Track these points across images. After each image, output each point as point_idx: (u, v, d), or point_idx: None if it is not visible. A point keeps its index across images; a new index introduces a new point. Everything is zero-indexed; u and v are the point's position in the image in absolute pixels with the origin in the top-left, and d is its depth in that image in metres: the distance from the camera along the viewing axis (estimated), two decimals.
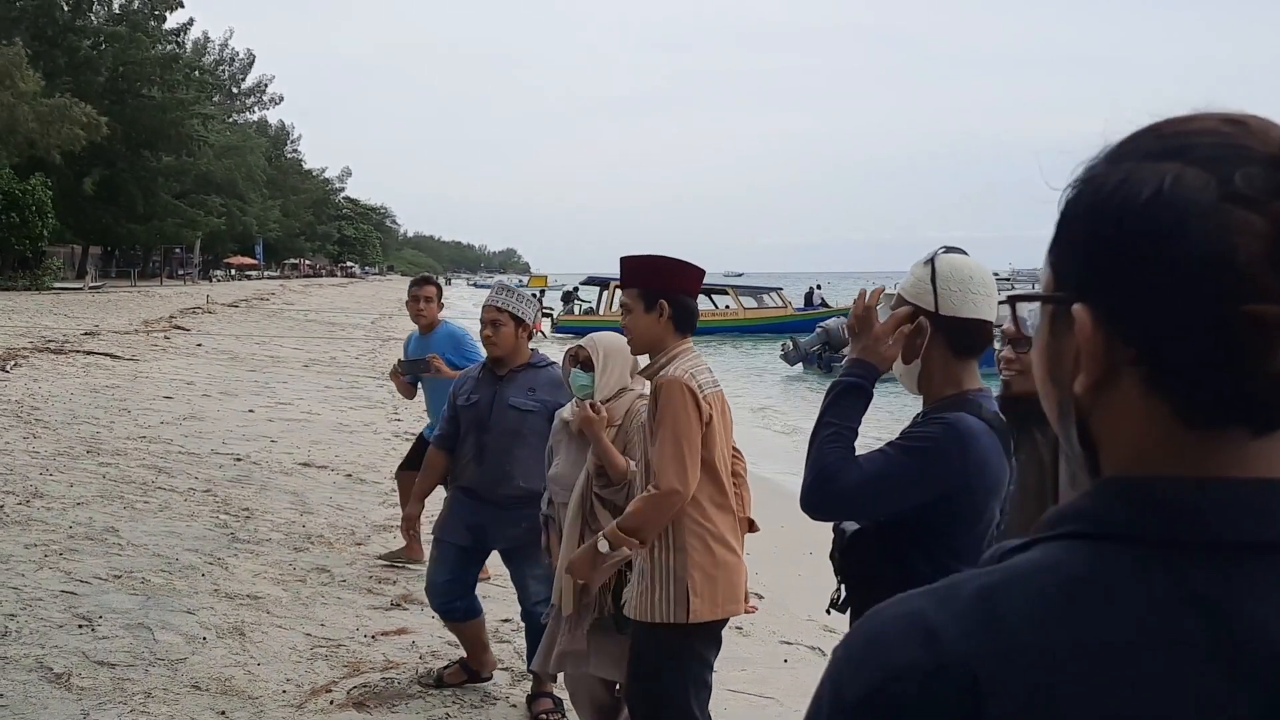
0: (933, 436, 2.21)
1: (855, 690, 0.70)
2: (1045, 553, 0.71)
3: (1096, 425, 0.73)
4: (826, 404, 2.31)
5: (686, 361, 3.24)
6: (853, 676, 0.70)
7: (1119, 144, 0.72)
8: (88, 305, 30.73)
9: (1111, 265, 0.69)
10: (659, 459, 3.11)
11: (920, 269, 2.33)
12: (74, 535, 6.41)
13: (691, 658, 3.23)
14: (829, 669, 0.74)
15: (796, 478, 9.68)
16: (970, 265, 2.30)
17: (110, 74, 49.14)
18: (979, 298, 2.28)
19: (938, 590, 0.72)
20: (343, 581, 6.09)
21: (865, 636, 0.72)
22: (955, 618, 0.69)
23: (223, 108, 70.48)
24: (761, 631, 5.95)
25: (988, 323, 2.31)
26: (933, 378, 2.31)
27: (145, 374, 15.46)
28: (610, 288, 36.45)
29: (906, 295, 2.34)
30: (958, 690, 0.66)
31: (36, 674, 4.35)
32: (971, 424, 2.21)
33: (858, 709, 0.69)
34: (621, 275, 3.33)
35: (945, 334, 2.27)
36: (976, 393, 2.30)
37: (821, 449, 2.25)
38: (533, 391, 4.39)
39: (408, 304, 6.54)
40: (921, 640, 0.68)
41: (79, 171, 45.26)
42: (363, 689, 4.52)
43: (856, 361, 2.31)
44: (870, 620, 0.73)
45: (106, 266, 57.68)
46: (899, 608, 0.72)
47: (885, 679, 0.68)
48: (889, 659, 0.69)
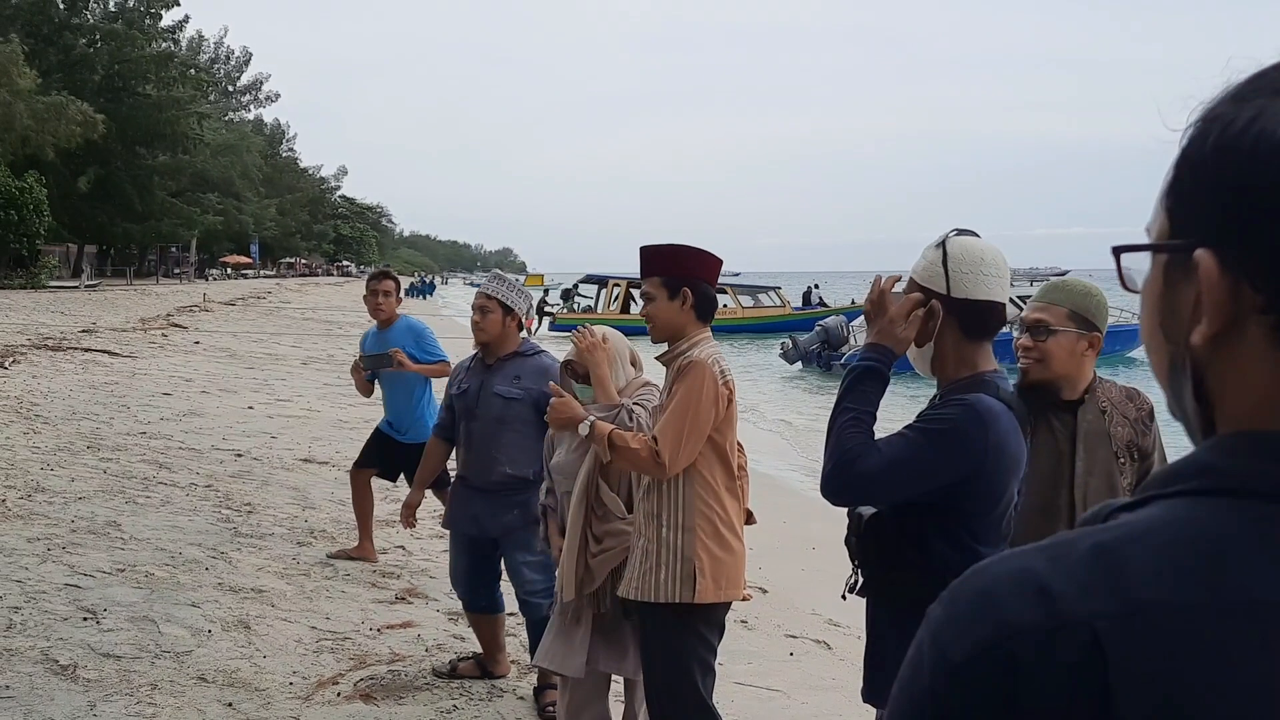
0: (952, 418, 2.20)
1: (963, 649, 0.67)
2: (1167, 510, 0.68)
3: (1215, 379, 0.70)
4: (844, 388, 2.30)
5: (709, 347, 3.26)
6: (959, 635, 0.68)
7: (1243, 83, 0.69)
8: (84, 303, 30.65)
9: (1244, 206, 0.66)
10: (661, 429, 3.12)
11: (932, 252, 2.32)
12: (76, 529, 6.39)
13: (696, 639, 3.24)
14: (927, 628, 0.71)
15: (796, 474, 9.82)
16: (982, 247, 2.29)
17: (105, 72, 48.97)
18: (991, 280, 2.27)
19: (1045, 549, 0.69)
20: (346, 576, 6.07)
21: (971, 594, 0.69)
22: (1071, 576, 0.66)
23: (218, 106, 70.35)
24: (766, 625, 5.95)
25: (999, 304, 2.31)
26: (946, 360, 2.30)
27: (143, 371, 15.42)
28: (609, 286, 36.48)
29: (918, 278, 2.32)
30: (1079, 651, 0.64)
31: (42, 666, 4.33)
32: (990, 404, 2.21)
33: (966, 668, 0.67)
34: (642, 264, 3.34)
35: (957, 316, 2.26)
36: (992, 373, 2.29)
37: (841, 434, 2.24)
38: (518, 380, 4.44)
39: (366, 299, 6.50)
40: (1035, 599, 0.66)
41: (74, 170, 45.10)
42: (369, 681, 4.52)
43: (873, 345, 2.31)
44: (974, 578, 0.70)
45: (102, 265, 57.51)
46: (1005, 565, 0.69)
47: (998, 638, 0.66)
48: (1001, 617, 0.66)
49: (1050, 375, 2.86)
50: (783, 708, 4.78)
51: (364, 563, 6.36)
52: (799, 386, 24.07)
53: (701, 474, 3.20)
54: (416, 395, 6.42)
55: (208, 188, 61.24)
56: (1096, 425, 2.86)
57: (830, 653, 5.64)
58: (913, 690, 0.71)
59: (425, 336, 6.45)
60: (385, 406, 6.55)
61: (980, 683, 0.66)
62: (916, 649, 0.72)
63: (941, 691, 0.68)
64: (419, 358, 6.34)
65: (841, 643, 5.76)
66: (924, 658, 0.70)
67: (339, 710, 4.23)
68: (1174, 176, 0.71)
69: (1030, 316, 2.90)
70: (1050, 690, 0.64)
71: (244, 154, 66.73)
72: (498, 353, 4.53)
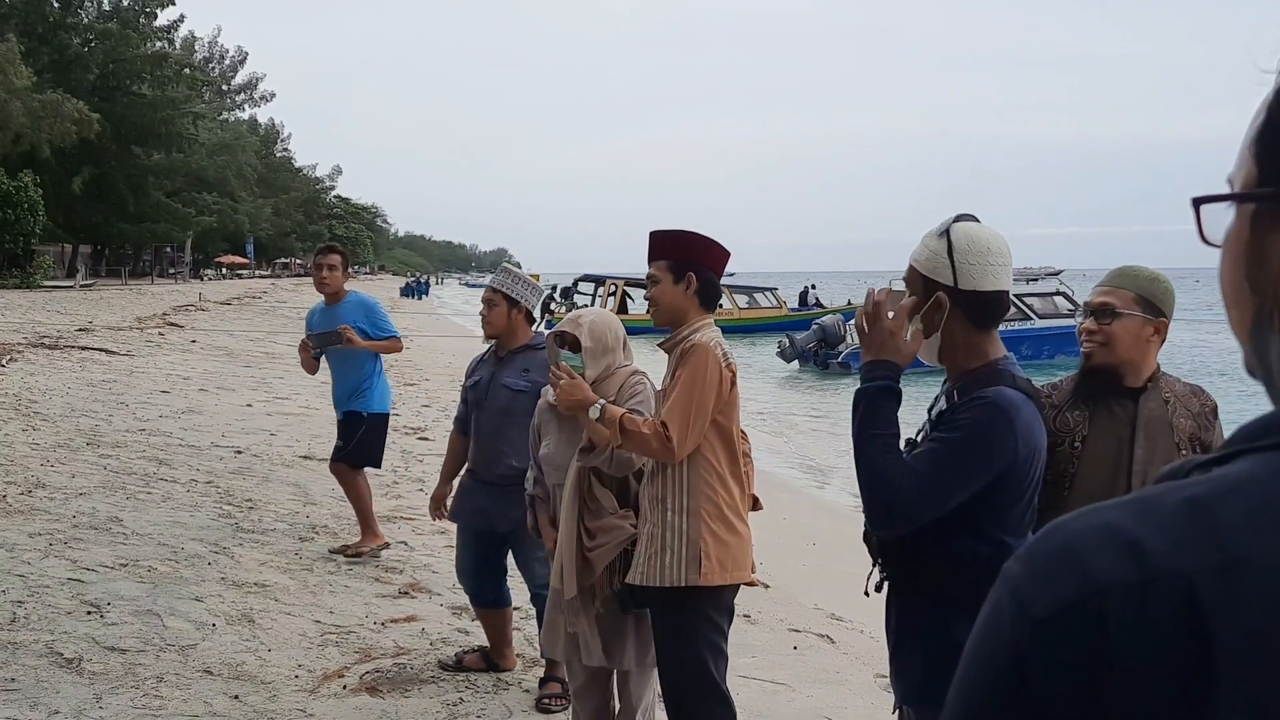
0: (981, 421, 2.14)
1: (1047, 605, 0.66)
2: (1260, 464, 0.66)
3: None
4: (862, 414, 2.20)
5: (711, 332, 3.27)
6: (1043, 591, 0.66)
7: None
8: (80, 302, 30.58)
9: None
10: (669, 412, 3.12)
11: (935, 241, 2.25)
12: (78, 525, 6.37)
13: (705, 623, 3.24)
14: (1005, 585, 0.70)
15: (794, 471, 9.84)
16: (987, 235, 2.24)
17: (100, 71, 48.85)
18: (998, 269, 2.22)
19: (1131, 503, 0.68)
20: (349, 570, 6.07)
21: (1053, 549, 0.68)
22: (1162, 530, 0.64)
23: (213, 106, 70.18)
24: (769, 620, 5.96)
25: (1006, 292, 2.26)
26: (956, 351, 2.25)
27: (141, 369, 15.39)
28: (605, 285, 36.51)
29: (921, 268, 2.26)
30: (1174, 607, 0.62)
31: (47, 659, 4.32)
32: (1010, 396, 2.17)
33: (1050, 624, 0.65)
34: (650, 248, 3.34)
35: (966, 308, 2.21)
36: (1004, 361, 2.25)
37: (873, 464, 2.15)
38: (527, 372, 4.44)
39: (314, 270, 6.41)
40: (1124, 553, 0.64)
41: (69, 169, 44.98)
42: (375, 674, 4.51)
43: (878, 363, 2.22)
44: (1054, 534, 0.69)
45: (96, 265, 57.37)
46: (1087, 520, 0.68)
47: (1085, 594, 0.64)
48: (1088, 572, 0.65)
49: (1114, 359, 2.81)
50: (788, 701, 4.79)
51: (373, 555, 6.31)
52: (796, 386, 24.11)
53: (706, 458, 3.20)
54: (366, 371, 6.33)
55: (203, 187, 61.09)
56: (1159, 414, 2.81)
57: (833, 646, 5.64)
58: (990, 648, 0.69)
59: (376, 311, 6.36)
60: (333, 383, 6.45)
61: (1066, 639, 0.65)
62: (993, 607, 0.70)
63: (1024, 648, 0.66)
64: (370, 333, 6.26)
65: (844, 637, 5.77)
66: (1003, 615, 0.68)
67: (345, 703, 4.22)
68: (1263, 122, 0.69)
69: (1096, 300, 2.85)
70: (1143, 646, 0.63)
71: (239, 153, 66.52)
72: (508, 346, 4.54)
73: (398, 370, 19.44)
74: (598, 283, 37.48)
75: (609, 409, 3.26)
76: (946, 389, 2.30)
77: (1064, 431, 2.84)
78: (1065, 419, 2.86)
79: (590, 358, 3.63)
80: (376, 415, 6.40)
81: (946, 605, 2.16)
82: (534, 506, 3.95)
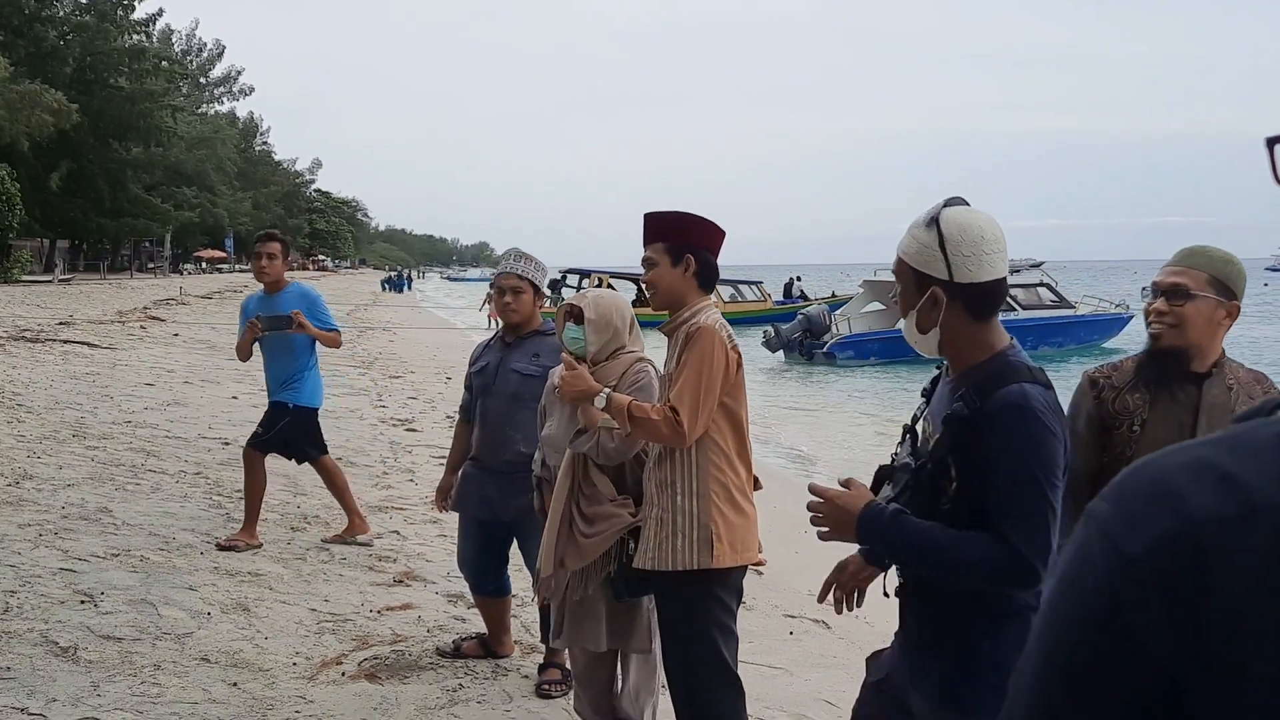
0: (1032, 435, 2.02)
1: (1141, 541, 0.65)
2: None
3: None
4: (909, 555, 2.10)
5: (713, 314, 3.25)
6: (1136, 528, 0.66)
7: None
8: (59, 297, 30.33)
9: None
10: (677, 396, 3.09)
11: (924, 233, 2.12)
12: (68, 515, 6.32)
13: (716, 605, 3.23)
14: (1093, 525, 0.69)
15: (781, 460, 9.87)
16: (980, 222, 2.11)
17: (77, 64, 48.39)
18: (994, 256, 2.10)
19: (1220, 440, 0.67)
20: (343, 559, 6.04)
21: (1144, 486, 0.67)
22: (1258, 465, 0.64)
23: (191, 99, 69.65)
24: (765, 606, 5.97)
25: (1004, 279, 2.14)
26: (957, 344, 2.14)
27: (124, 362, 15.28)
28: (591, 278, 36.47)
29: (911, 262, 2.14)
30: (1273, 539, 0.62)
31: (42, 648, 4.28)
32: (1031, 392, 2.05)
33: (1146, 560, 0.65)
34: (646, 230, 3.31)
35: (964, 301, 2.09)
36: (1012, 351, 2.13)
37: (946, 556, 2.04)
38: (537, 357, 4.37)
39: (253, 261, 6.27)
40: (1219, 488, 0.64)
41: (46, 164, 44.55)
42: (374, 661, 4.49)
43: (857, 533, 2.12)
44: (1144, 470, 0.68)
45: (75, 260, 56.91)
46: (1176, 457, 0.68)
47: (1181, 528, 0.64)
48: (1183, 507, 0.64)
49: (1184, 342, 2.71)
50: (786, 685, 4.80)
51: (362, 544, 6.28)
52: (782, 375, 24.15)
53: (714, 440, 3.19)
54: (301, 363, 6.24)
55: (182, 181, 60.65)
56: (1222, 400, 2.71)
57: (829, 632, 5.66)
58: (1081, 588, 0.69)
59: (318, 304, 6.26)
60: (266, 373, 6.33)
61: (1163, 574, 0.64)
62: (1080, 548, 0.69)
63: (1119, 586, 0.66)
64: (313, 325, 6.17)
65: (839, 622, 5.77)
66: (1093, 554, 0.68)
67: (345, 689, 4.20)
68: None
69: (1167, 280, 2.72)
70: (1244, 579, 0.62)
71: (218, 147, 66.05)
72: (519, 331, 4.46)
73: (382, 363, 19.40)
74: (583, 276, 37.47)
75: (615, 397, 3.23)
76: (953, 387, 2.17)
77: (1123, 414, 2.78)
78: (1125, 401, 2.79)
79: (593, 331, 3.61)
80: (303, 409, 6.29)
81: (970, 610, 2.10)
82: (539, 488, 3.93)
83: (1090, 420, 2.83)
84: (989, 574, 2.01)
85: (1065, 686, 0.69)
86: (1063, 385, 2.42)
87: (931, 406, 2.26)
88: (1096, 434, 2.82)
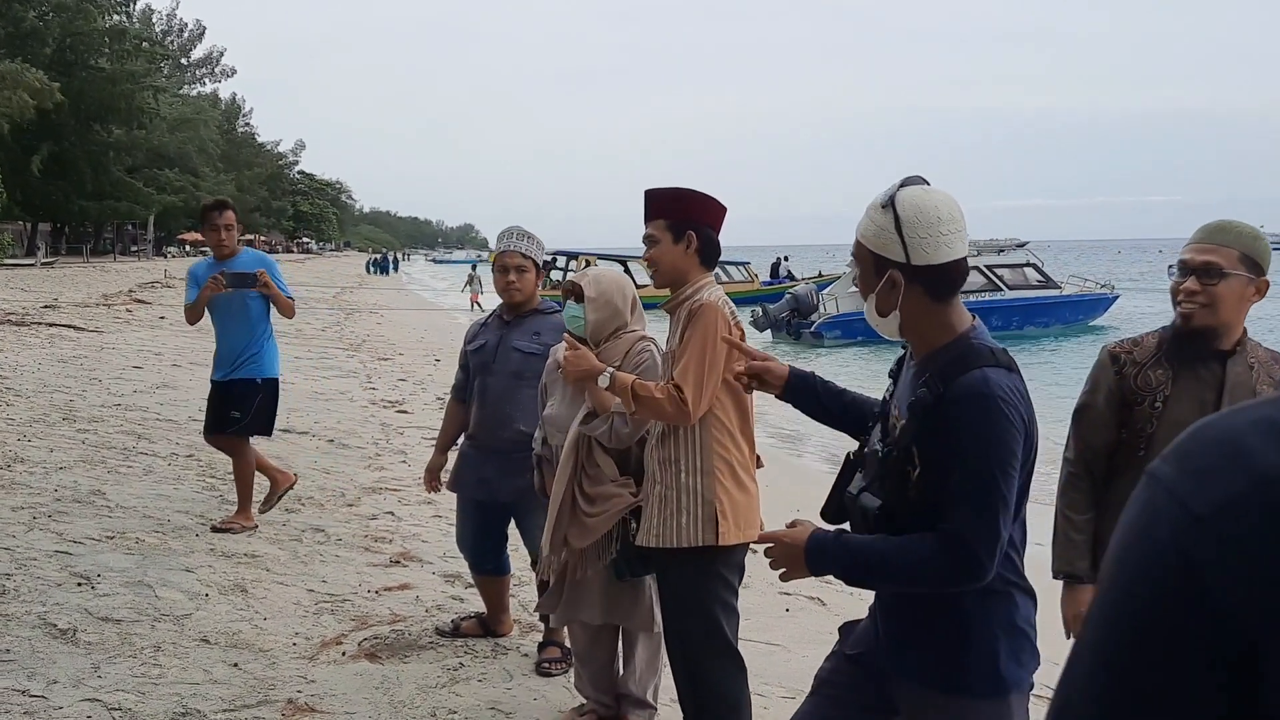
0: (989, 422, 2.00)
1: (1211, 500, 0.65)
2: None
3: None
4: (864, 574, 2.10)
5: (716, 290, 3.24)
6: (1205, 487, 0.66)
7: None
8: (43, 280, 30.12)
9: None
10: (681, 373, 3.09)
11: (880, 215, 2.10)
12: (61, 498, 6.30)
13: (718, 582, 3.24)
14: (1155, 486, 0.69)
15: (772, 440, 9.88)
16: (935, 201, 2.07)
17: (57, 45, 47.83)
18: (951, 237, 2.07)
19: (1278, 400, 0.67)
20: (339, 540, 6.04)
21: (1210, 445, 0.67)
22: None
23: (173, 80, 69.01)
24: (760, 584, 5.98)
25: (963, 259, 2.11)
26: (918, 327, 2.13)
27: (111, 345, 15.19)
28: (577, 260, 36.42)
29: (869, 245, 2.12)
30: None
31: (41, 630, 4.28)
32: (993, 378, 2.02)
33: (1217, 519, 0.65)
34: (647, 207, 3.29)
35: (923, 283, 2.07)
36: (975, 332, 2.11)
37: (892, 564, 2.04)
38: (538, 335, 4.34)
39: (206, 233, 6.05)
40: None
41: (27, 147, 44.11)
42: (373, 641, 4.50)
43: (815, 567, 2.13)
44: (1208, 430, 0.68)
45: (57, 243, 56.47)
46: (1242, 417, 0.67)
47: (1252, 485, 0.64)
48: (1255, 466, 0.64)
49: (1216, 321, 2.66)
50: (783, 661, 4.83)
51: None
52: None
53: (718, 417, 3.19)
54: (260, 332, 6.10)
55: (164, 164, 60.14)
56: (1244, 379, 2.69)
57: (824, 608, 5.70)
58: (1147, 548, 0.68)
59: (275, 269, 6.12)
60: (220, 346, 6.12)
61: (1237, 533, 0.64)
62: (1143, 508, 0.69)
63: (1189, 546, 0.66)
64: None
65: (834, 599, 5.83)
66: (1159, 514, 0.68)
67: (345, 669, 4.21)
68: None
69: (1198, 259, 2.66)
70: None
71: (201, 128, 65.43)
72: (519, 310, 4.43)
73: (370, 345, 19.34)
74: (570, 257, 37.38)
75: (618, 376, 3.22)
76: (916, 371, 2.15)
77: (1145, 390, 2.75)
78: (1147, 377, 2.76)
79: (593, 309, 3.60)
80: (270, 380, 6.15)
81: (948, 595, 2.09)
82: (540, 467, 3.93)
83: (1111, 395, 2.82)
84: (936, 572, 2.01)
85: (1133, 649, 0.69)
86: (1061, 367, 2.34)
87: (898, 391, 2.23)
88: (1116, 410, 2.81)
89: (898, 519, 2.09)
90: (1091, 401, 2.87)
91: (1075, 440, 2.90)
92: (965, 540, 1.98)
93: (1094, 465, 2.86)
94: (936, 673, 2.11)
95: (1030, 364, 22.19)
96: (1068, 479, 2.91)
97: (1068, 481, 2.91)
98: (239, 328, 6.06)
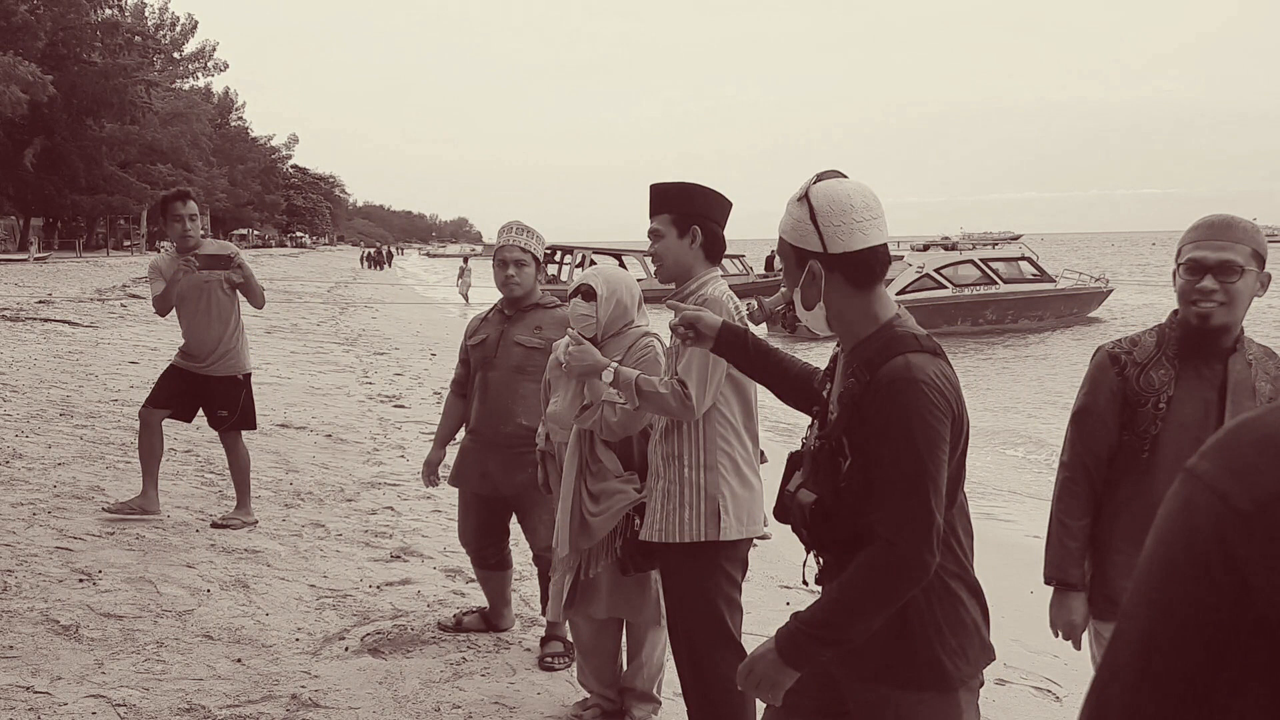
0: (913, 406, 2.00)
1: (1255, 497, 0.65)
2: None
3: None
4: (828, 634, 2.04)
5: (721, 285, 3.25)
6: (1248, 484, 0.66)
7: None
8: (36, 275, 30.02)
9: None
10: (685, 369, 3.10)
11: (797, 208, 2.14)
12: (60, 494, 6.29)
13: (722, 576, 3.25)
14: (1193, 484, 0.69)
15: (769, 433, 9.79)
16: (849, 191, 2.11)
17: (49, 39, 47.61)
18: (866, 224, 2.10)
19: None
20: (339, 535, 6.04)
21: (1252, 442, 0.67)
22: None
23: (165, 74, 68.76)
24: (760, 577, 6.01)
25: (881, 246, 2.12)
26: (844, 318, 2.14)
27: (107, 340, 15.16)
28: (572, 254, 36.38)
29: (789, 239, 2.16)
30: None
31: (44, 626, 4.28)
32: (916, 362, 2.03)
33: (1259, 516, 0.65)
34: (651, 201, 3.30)
35: (842, 272, 2.11)
36: (899, 320, 2.13)
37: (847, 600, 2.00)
38: (539, 329, 4.34)
39: (171, 224, 5.90)
40: None
41: (19, 141, 43.97)
42: (376, 636, 4.51)
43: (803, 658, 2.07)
44: (1247, 429, 0.69)
45: (49, 238, 56.28)
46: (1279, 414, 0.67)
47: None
48: None
49: (1233, 320, 2.62)
50: None
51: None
52: None
53: (721, 412, 3.19)
54: (233, 325, 6.05)
55: (157, 158, 59.97)
56: (1244, 377, 2.66)
57: None
58: (1187, 540, 0.69)
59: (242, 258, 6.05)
60: (186, 335, 6.01)
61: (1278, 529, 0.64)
62: (1181, 503, 0.69)
63: (1232, 541, 0.66)
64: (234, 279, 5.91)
65: None
66: (1197, 509, 0.68)
67: (349, 664, 4.22)
68: None
69: (1215, 257, 2.60)
70: None
71: (193, 122, 65.29)
72: (520, 304, 4.42)
73: (366, 340, 19.31)
74: (565, 252, 37.33)
75: (622, 371, 3.23)
76: (846, 362, 2.16)
77: (1148, 391, 2.71)
78: (1149, 378, 2.73)
79: (604, 307, 3.61)
80: (248, 375, 6.14)
81: None
82: (544, 463, 3.93)
83: (1113, 397, 2.77)
84: (885, 580, 1.99)
85: (1171, 642, 0.69)
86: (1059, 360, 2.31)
87: (834, 386, 2.24)
88: (1118, 411, 2.76)
89: (832, 512, 2.10)
90: (1091, 404, 2.81)
91: (1073, 444, 2.84)
92: (893, 541, 1.97)
93: (1093, 469, 2.81)
94: (880, 666, 2.10)
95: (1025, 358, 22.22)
96: (1064, 484, 2.85)
97: (1064, 486, 2.85)
98: (213, 322, 5.99)
